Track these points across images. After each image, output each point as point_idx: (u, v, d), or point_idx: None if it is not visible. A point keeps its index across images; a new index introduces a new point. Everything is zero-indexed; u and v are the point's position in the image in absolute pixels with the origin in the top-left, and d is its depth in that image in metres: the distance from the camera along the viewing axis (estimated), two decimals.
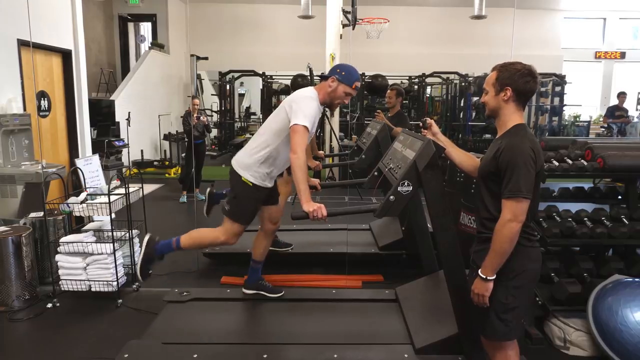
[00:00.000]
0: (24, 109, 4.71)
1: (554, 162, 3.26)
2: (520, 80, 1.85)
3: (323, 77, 2.68)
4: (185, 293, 3.28)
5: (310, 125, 2.50)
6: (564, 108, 12.36)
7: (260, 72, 11.76)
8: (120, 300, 3.42)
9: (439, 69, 11.64)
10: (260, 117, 13.73)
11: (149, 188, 7.37)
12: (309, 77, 8.66)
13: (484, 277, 1.84)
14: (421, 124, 2.44)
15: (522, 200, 1.76)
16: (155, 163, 9.72)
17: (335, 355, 2.53)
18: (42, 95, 5.17)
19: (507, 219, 1.77)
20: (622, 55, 14.17)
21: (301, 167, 2.43)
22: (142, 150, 9.70)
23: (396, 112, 4.98)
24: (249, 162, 2.65)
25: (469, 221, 3.48)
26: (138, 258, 2.81)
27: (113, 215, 3.51)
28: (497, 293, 1.87)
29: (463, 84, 11.57)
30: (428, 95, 12.66)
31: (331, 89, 2.62)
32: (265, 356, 2.52)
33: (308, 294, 3.36)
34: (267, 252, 3.23)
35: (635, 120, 11.73)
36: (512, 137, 1.85)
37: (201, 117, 6.84)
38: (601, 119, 13.47)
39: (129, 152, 8.69)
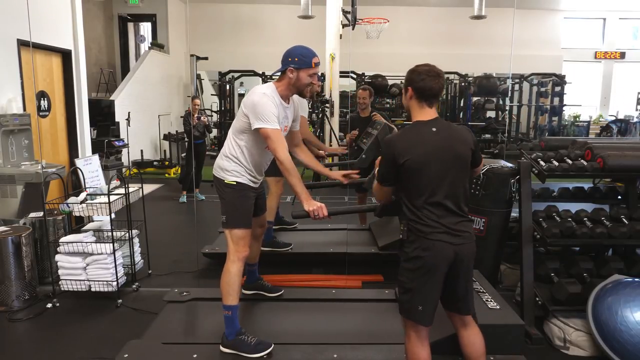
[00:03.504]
0: (24, 109, 4.71)
1: (554, 162, 3.26)
2: (416, 78, 2.05)
3: (282, 72, 2.56)
4: (185, 293, 3.29)
5: (274, 124, 2.41)
6: (564, 108, 12.37)
7: (260, 72, 11.75)
8: (120, 300, 3.42)
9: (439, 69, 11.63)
10: None
11: (148, 188, 7.38)
12: None
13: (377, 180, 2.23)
14: None
15: (377, 183, 2.14)
16: (155, 163, 9.71)
17: (335, 355, 2.53)
18: (42, 95, 5.17)
19: (375, 194, 2.23)
20: (622, 55, 14.16)
21: (289, 171, 2.38)
22: (142, 150, 9.70)
23: (370, 112, 4.75)
24: (225, 165, 2.59)
25: None
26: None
27: (113, 215, 3.51)
28: (400, 271, 2.07)
29: (463, 84, 11.58)
30: None
31: (294, 79, 2.51)
32: (265, 356, 2.52)
33: (308, 294, 3.36)
34: (259, 253, 3.22)
35: (635, 120, 11.75)
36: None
37: (201, 118, 6.85)
38: (601, 119, 13.50)
39: (128, 152, 8.69)
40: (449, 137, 2.01)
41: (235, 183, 2.58)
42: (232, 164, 2.59)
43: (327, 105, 8.19)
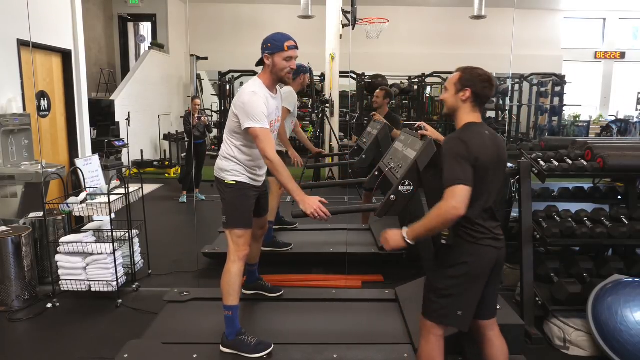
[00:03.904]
0: (24, 109, 4.71)
1: (554, 162, 3.26)
2: (479, 85, 1.98)
3: (260, 62, 2.60)
4: (185, 293, 3.29)
5: (264, 124, 2.41)
6: (564, 108, 12.36)
7: None
8: (120, 300, 3.42)
9: (439, 69, 11.63)
10: None
11: (148, 188, 7.38)
12: (309, 77, 8.65)
13: (404, 236, 1.93)
14: (415, 131, 2.42)
15: (457, 186, 1.83)
16: (155, 163, 9.71)
17: (335, 355, 2.53)
18: (42, 95, 5.17)
19: (450, 204, 1.82)
20: (622, 55, 14.16)
21: (278, 169, 2.37)
22: (142, 150, 9.70)
23: (386, 114, 4.74)
24: (224, 165, 2.61)
25: None
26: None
27: (113, 215, 3.51)
28: (435, 277, 2.02)
29: None
30: (428, 95, 12.66)
31: (271, 66, 2.53)
32: (265, 356, 2.52)
33: (308, 294, 3.37)
34: (260, 253, 3.22)
35: (635, 120, 11.75)
36: (453, 134, 1.99)
37: (202, 118, 6.86)
38: (601, 119, 13.50)
39: (128, 152, 8.69)
40: (497, 142, 1.99)
41: (234, 183, 2.59)
42: (230, 163, 2.59)
43: (327, 105, 8.19)
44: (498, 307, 2.71)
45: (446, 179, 1.86)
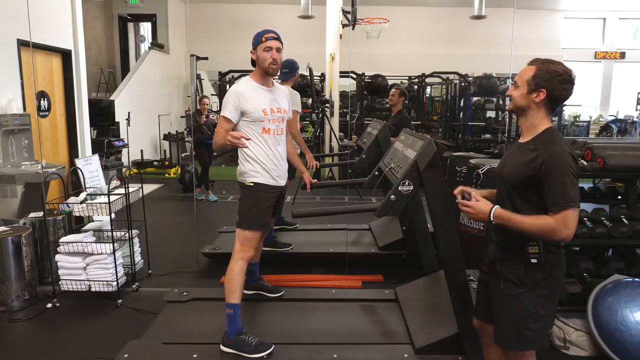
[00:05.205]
0: (24, 109, 4.71)
1: None
2: (558, 86, 1.69)
3: (253, 62, 2.71)
4: (185, 293, 3.29)
5: (226, 113, 2.58)
6: (564, 108, 12.36)
7: None
8: (120, 300, 3.42)
9: (439, 69, 11.64)
10: None
11: (148, 188, 7.37)
12: (309, 77, 8.66)
13: (492, 213, 1.73)
14: (460, 198, 1.94)
15: (573, 210, 1.65)
16: (155, 163, 9.71)
17: (335, 355, 2.53)
18: (42, 95, 5.16)
19: (565, 233, 1.65)
20: (622, 55, 14.16)
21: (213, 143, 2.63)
22: (142, 150, 9.69)
23: (397, 111, 5.07)
24: (241, 168, 2.70)
25: (469, 221, 3.48)
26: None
27: (113, 215, 3.51)
28: (527, 302, 1.77)
29: (463, 84, 11.58)
30: (428, 95, 12.66)
31: (256, 59, 2.65)
32: (265, 356, 2.52)
33: (308, 294, 3.37)
34: (261, 253, 3.24)
35: (635, 120, 11.75)
36: (551, 145, 1.70)
37: (210, 116, 6.85)
38: (601, 119, 13.50)
39: (128, 152, 8.68)
40: None
41: (252, 184, 2.65)
42: (247, 164, 2.66)
43: (327, 105, 8.19)
44: None
45: (557, 199, 1.65)
